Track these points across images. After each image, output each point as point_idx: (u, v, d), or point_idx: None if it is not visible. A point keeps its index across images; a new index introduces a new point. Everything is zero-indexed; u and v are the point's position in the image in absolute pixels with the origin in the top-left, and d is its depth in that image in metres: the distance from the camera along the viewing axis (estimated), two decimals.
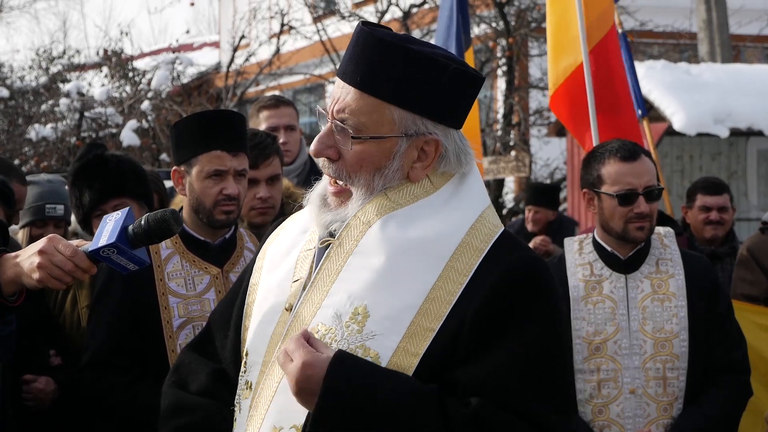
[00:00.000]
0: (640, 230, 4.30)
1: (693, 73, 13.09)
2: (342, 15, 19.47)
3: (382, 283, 2.48)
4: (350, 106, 2.53)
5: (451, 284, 2.47)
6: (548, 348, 2.48)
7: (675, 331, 4.25)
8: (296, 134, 5.86)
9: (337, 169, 2.58)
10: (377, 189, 2.56)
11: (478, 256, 2.50)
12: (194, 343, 2.94)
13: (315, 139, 2.59)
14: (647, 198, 4.29)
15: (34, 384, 4.33)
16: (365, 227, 2.54)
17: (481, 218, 2.57)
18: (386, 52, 2.51)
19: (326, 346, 2.44)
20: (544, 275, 2.54)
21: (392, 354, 2.44)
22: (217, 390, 2.74)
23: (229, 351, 2.76)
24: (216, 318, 2.89)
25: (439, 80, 2.52)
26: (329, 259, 2.55)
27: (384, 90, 2.51)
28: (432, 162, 2.57)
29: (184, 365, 2.87)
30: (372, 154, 2.54)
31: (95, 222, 4.67)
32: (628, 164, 4.31)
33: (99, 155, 4.87)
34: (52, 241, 2.77)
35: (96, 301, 4.19)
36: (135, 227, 2.70)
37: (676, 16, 18.71)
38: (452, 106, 2.57)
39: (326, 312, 2.50)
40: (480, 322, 2.44)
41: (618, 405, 4.24)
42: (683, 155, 14.07)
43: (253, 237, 4.32)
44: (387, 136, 2.53)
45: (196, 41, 27.41)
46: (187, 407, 2.75)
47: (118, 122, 16.12)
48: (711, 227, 7.16)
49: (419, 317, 2.46)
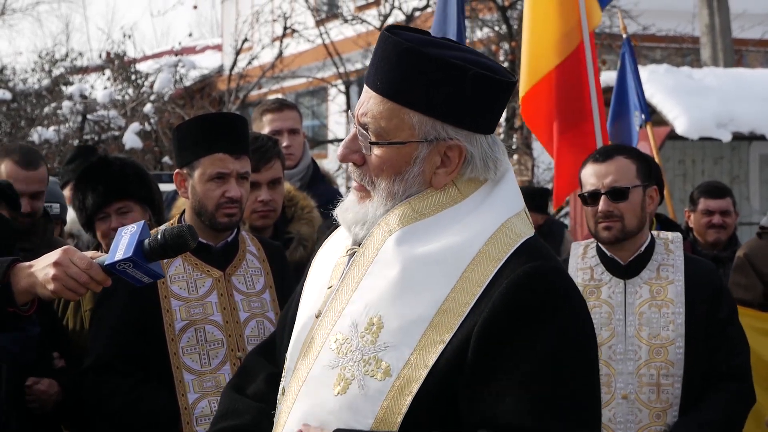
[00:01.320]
0: (607, 230, 4.30)
1: (695, 77, 13.11)
2: (345, 18, 19.48)
3: (396, 294, 2.46)
4: (371, 111, 2.52)
5: (464, 295, 2.44)
6: (561, 362, 2.39)
7: (671, 338, 4.23)
8: (300, 138, 5.86)
9: (361, 174, 2.57)
10: (398, 194, 2.54)
11: (495, 265, 2.45)
12: (260, 346, 2.97)
13: (341, 144, 2.59)
14: (611, 197, 4.29)
15: (37, 386, 4.33)
16: (386, 236, 2.52)
17: (504, 226, 2.52)
18: (403, 57, 2.49)
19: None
20: (558, 285, 2.46)
21: (403, 366, 2.42)
22: (270, 394, 2.74)
23: (282, 355, 2.77)
24: (280, 321, 2.92)
25: (459, 84, 2.48)
26: (353, 268, 2.55)
27: (402, 95, 2.50)
28: (456, 168, 2.54)
29: (246, 368, 2.90)
30: (392, 159, 2.53)
31: (98, 225, 4.68)
32: (596, 165, 4.36)
33: (102, 158, 4.89)
34: (67, 253, 2.79)
35: (98, 304, 4.19)
36: (151, 241, 2.72)
37: (678, 20, 18.72)
38: (476, 110, 2.52)
39: (345, 321, 2.50)
40: (484, 337, 2.39)
41: (610, 410, 4.22)
42: (685, 159, 14.07)
43: (256, 240, 4.32)
44: (406, 141, 2.51)
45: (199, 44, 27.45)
46: (235, 411, 2.77)
47: (120, 125, 16.12)
48: (714, 231, 7.16)
49: (431, 330, 2.43)
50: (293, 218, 5.13)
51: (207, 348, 4.01)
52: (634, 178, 4.32)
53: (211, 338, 4.02)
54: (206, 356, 4.01)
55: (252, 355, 2.95)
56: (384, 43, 2.53)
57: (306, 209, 5.16)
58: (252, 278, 4.18)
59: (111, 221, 4.62)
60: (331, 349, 2.50)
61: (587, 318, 2.51)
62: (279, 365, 2.78)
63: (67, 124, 16.74)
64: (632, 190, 4.30)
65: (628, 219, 4.29)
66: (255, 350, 2.98)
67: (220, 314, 4.05)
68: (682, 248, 4.41)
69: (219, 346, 4.02)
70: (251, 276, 4.18)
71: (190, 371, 3.99)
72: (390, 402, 2.42)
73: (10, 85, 19.17)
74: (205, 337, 4.01)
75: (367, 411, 2.43)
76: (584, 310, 2.51)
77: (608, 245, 4.36)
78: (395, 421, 2.41)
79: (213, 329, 4.03)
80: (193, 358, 4.00)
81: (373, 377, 2.43)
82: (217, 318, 4.04)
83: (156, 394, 4.01)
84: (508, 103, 2.67)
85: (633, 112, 7.75)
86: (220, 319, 4.05)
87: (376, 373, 2.44)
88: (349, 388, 2.44)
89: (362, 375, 2.44)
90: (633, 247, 4.35)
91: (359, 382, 2.44)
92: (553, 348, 2.39)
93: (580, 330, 2.46)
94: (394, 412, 2.42)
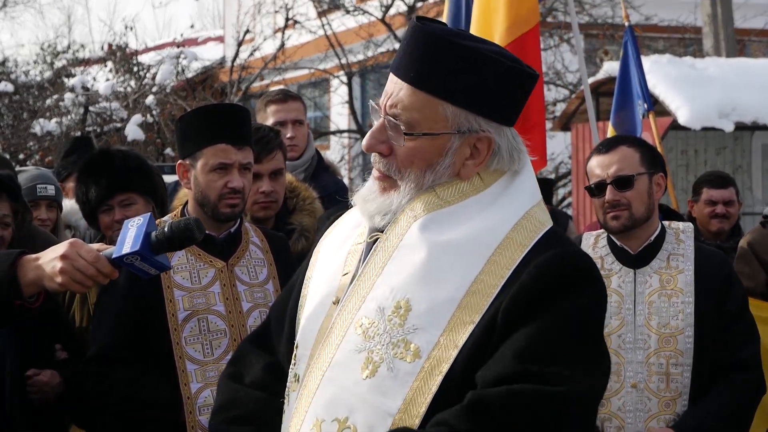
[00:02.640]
0: (615, 219, 4.31)
1: (698, 67, 13.08)
2: (347, 9, 19.47)
3: (424, 277, 2.48)
4: (403, 102, 2.52)
5: (492, 278, 2.47)
6: (579, 326, 2.44)
7: (680, 327, 4.23)
8: (304, 129, 5.85)
9: (387, 164, 2.57)
10: (426, 185, 2.55)
11: (522, 251, 2.49)
12: (253, 336, 2.97)
13: (367, 134, 2.58)
14: (616, 186, 4.30)
15: (39, 377, 4.33)
16: (411, 221, 2.54)
17: (528, 215, 2.56)
18: (439, 48, 2.49)
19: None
20: (585, 267, 2.52)
21: (433, 347, 2.44)
22: (271, 382, 2.76)
23: (283, 344, 2.78)
24: (274, 311, 2.92)
25: (493, 77, 2.50)
26: (376, 253, 2.56)
27: (437, 86, 2.50)
28: (484, 159, 2.56)
29: (240, 357, 2.90)
30: (424, 151, 2.53)
31: (102, 217, 4.69)
32: (600, 156, 4.37)
33: (104, 150, 4.90)
34: (74, 246, 2.81)
35: (101, 294, 4.20)
36: (158, 234, 2.73)
37: (681, 10, 18.70)
38: (505, 103, 2.55)
39: (370, 305, 2.51)
40: (509, 311, 2.43)
41: (619, 399, 4.23)
42: (688, 149, 14.05)
43: (259, 231, 4.32)
44: (440, 133, 2.52)
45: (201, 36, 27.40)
46: (238, 401, 2.77)
47: (122, 117, 16.12)
48: (717, 221, 7.16)
49: (460, 311, 2.45)
50: (295, 209, 5.13)
51: (210, 338, 4.02)
52: (639, 166, 4.32)
53: (214, 328, 4.02)
54: (209, 346, 4.01)
55: (245, 344, 2.95)
56: (415, 34, 2.53)
57: (308, 200, 5.16)
58: (255, 269, 4.18)
59: (115, 213, 4.63)
60: (356, 334, 2.51)
61: (605, 305, 2.59)
62: (276, 354, 2.80)
63: (69, 116, 16.74)
64: (637, 177, 4.31)
65: (636, 207, 4.30)
66: (247, 339, 2.98)
67: (223, 304, 4.06)
68: (693, 238, 4.41)
69: (222, 336, 4.03)
70: (254, 267, 4.18)
71: (192, 361, 3.99)
72: (420, 383, 2.44)
73: (12, 77, 19.19)
74: (208, 327, 4.02)
75: (397, 393, 2.45)
76: (605, 295, 2.58)
77: (618, 234, 4.36)
78: (424, 401, 2.44)
79: (216, 319, 4.03)
80: (196, 348, 4.00)
81: (403, 359, 2.45)
82: (220, 308, 4.05)
83: (158, 384, 4.01)
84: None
85: (636, 102, 7.72)
86: (222, 309, 4.05)
87: (405, 356, 2.46)
88: (378, 371, 2.46)
89: (391, 358, 2.46)
90: (643, 237, 4.36)
91: (388, 364, 2.46)
92: (573, 315, 2.44)
93: (600, 310, 2.53)
94: (423, 392, 2.44)
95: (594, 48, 19.37)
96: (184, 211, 4.20)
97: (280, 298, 2.94)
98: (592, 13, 18.30)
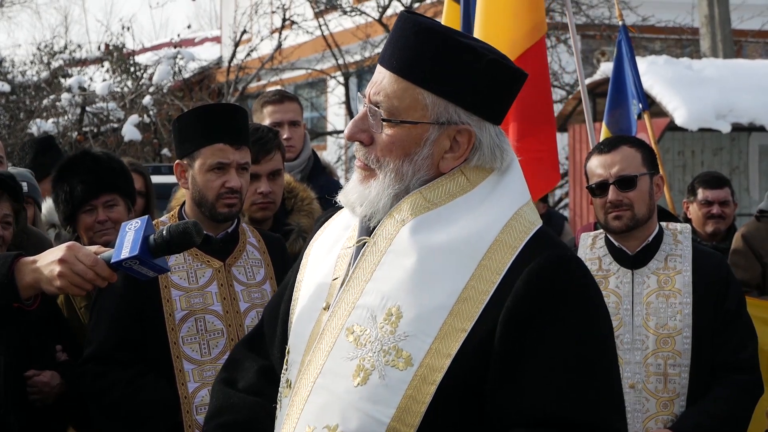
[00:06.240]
0: (617, 219, 4.31)
1: (695, 68, 13.09)
2: (344, 10, 19.46)
3: (414, 284, 2.45)
4: (385, 90, 2.51)
5: (483, 283, 2.44)
6: (584, 352, 2.41)
7: (678, 328, 4.24)
8: (300, 129, 5.85)
9: (367, 154, 2.55)
10: (407, 175, 2.52)
11: (512, 253, 2.46)
12: (246, 339, 2.95)
13: (350, 122, 2.57)
14: (619, 186, 4.30)
15: (38, 377, 4.33)
16: (399, 226, 2.51)
17: (517, 215, 2.52)
18: (423, 37, 2.48)
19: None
20: (575, 274, 2.48)
21: (425, 355, 2.42)
22: (264, 387, 2.74)
23: (276, 347, 2.75)
24: (267, 313, 2.89)
25: (475, 69, 2.48)
26: (364, 258, 2.53)
27: (418, 74, 2.49)
28: (464, 154, 2.53)
29: (234, 361, 2.87)
30: (402, 139, 2.51)
31: (83, 217, 4.66)
32: (602, 156, 4.36)
33: (86, 151, 4.89)
34: (72, 249, 2.80)
35: (98, 294, 4.20)
36: (156, 237, 2.72)
37: (678, 11, 18.69)
38: (488, 97, 2.52)
39: (361, 312, 2.49)
40: (509, 324, 2.40)
41: None
42: (685, 150, 14.07)
43: (256, 232, 4.33)
44: (418, 121, 2.50)
45: (198, 36, 27.42)
46: (232, 406, 2.75)
47: (119, 117, 16.13)
48: (712, 221, 7.17)
49: (451, 318, 2.43)
50: (293, 210, 5.13)
51: (207, 338, 4.02)
52: (641, 166, 4.33)
53: (211, 328, 4.03)
54: (206, 346, 4.02)
55: (239, 347, 2.92)
56: (402, 23, 2.53)
57: (306, 201, 5.16)
58: (252, 269, 4.18)
59: (98, 214, 4.63)
60: (348, 341, 2.48)
61: (605, 304, 2.55)
62: (269, 358, 2.78)
63: (65, 116, 16.75)
64: (640, 178, 4.31)
65: (638, 207, 4.30)
66: (241, 343, 2.95)
67: (220, 304, 4.06)
68: (691, 239, 4.42)
69: (219, 336, 4.03)
70: (251, 267, 4.19)
71: (190, 361, 4.00)
72: (413, 391, 2.41)
73: (9, 77, 19.16)
74: (205, 326, 4.02)
75: (389, 401, 2.42)
76: (602, 297, 2.55)
77: (617, 235, 4.36)
78: (419, 411, 2.41)
79: (213, 319, 4.04)
80: (194, 347, 4.01)
81: (395, 367, 2.43)
82: (217, 308, 4.05)
83: (156, 384, 4.02)
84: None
85: (631, 101, 7.71)
86: (220, 309, 4.05)
87: (397, 363, 2.43)
88: (370, 379, 2.44)
89: (383, 365, 2.43)
90: (641, 237, 4.36)
91: (380, 372, 2.43)
92: (581, 336, 2.41)
93: (602, 316, 2.49)
94: (417, 401, 2.41)
95: (591, 49, 19.36)
96: (181, 212, 4.20)
97: (273, 300, 2.91)
98: (589, 14, 18.30)
